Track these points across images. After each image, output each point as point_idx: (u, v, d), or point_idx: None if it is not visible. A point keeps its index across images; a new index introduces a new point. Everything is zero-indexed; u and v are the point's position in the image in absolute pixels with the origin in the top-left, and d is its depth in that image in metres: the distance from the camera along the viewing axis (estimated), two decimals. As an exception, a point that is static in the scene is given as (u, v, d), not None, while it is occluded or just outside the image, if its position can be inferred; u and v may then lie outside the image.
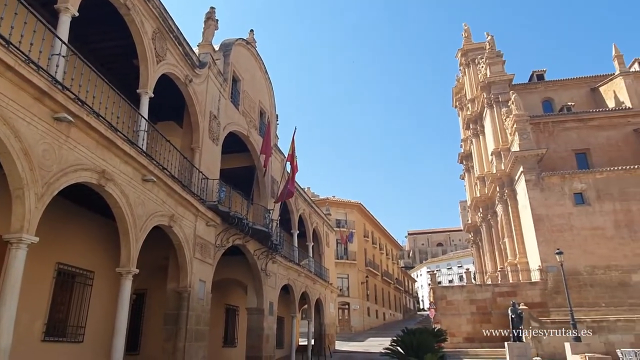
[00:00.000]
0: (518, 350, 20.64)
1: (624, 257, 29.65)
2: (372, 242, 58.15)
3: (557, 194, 32.16)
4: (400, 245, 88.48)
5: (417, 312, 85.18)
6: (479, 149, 47.33)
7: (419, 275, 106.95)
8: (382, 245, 64.28)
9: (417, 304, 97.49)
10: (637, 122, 36.51)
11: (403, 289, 77.67)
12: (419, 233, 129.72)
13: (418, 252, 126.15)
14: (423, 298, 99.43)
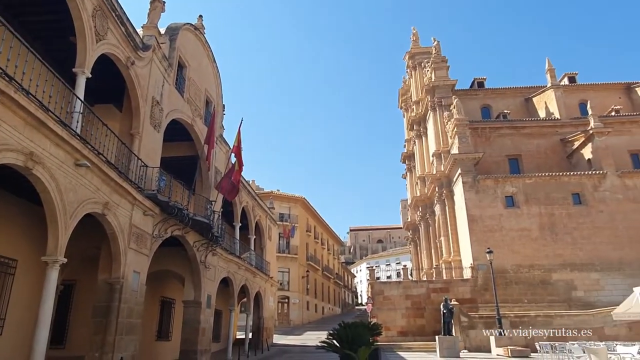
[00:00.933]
0: (447, 343, 21.66)
1: (546, 257, 31.88)
2: (314, 237, 58.63)
3: (490, 196, 33.96)
4: (341, 241, 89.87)
5: (356, 307, 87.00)
6: (421, 150, 48.96)
7: (359, 270, 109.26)
8: (324, 240, 64.99)
9: (355, 298, 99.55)
10: (564, 132, 39.26)
11: (343, 284, 79.00)
12: (360, 229, 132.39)
13: (359, 248, 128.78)
14: (362, 293, 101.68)
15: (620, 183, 33.43)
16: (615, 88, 45.25)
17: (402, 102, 60.06)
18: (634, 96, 44.02)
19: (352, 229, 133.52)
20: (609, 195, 33.14)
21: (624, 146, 37.31)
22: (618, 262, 31.33)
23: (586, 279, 31.24)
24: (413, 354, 24.21)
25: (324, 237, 64.85)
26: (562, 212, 33.05)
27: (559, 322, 25.87)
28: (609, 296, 29.18)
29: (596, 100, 41.73)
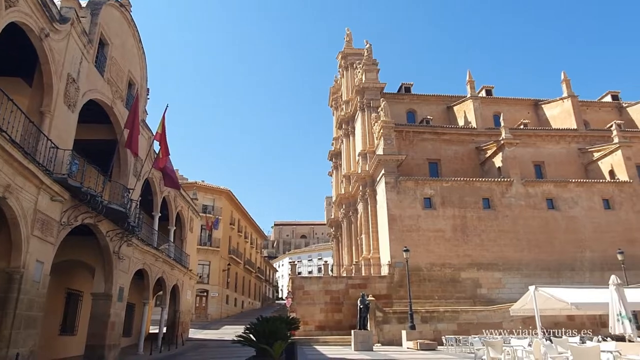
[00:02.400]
0: (362, 337, 22.42)
1: (457, 257, 34.07)
2: (237, 230, 57.84)
3: (410, 197, 35.58)
4: (265, 235, 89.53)
5: (276, 301, 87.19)
6: (348, 149, 50.07)
7: (281, 265, 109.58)
8: (248, 234, 64.35)
9: (276, 293, 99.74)
10: (479, 140, 42.11)
11: (264, 278, 78.77)
12: (285, 224, 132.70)
13: (282, 242, 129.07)
14: (283, 287, 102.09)
15: (524, 191, 36.54)
16: (525, 103, 49.35)
17: (332, 101, 60.98)
18: (540, 112, 48.30)
19: (277, 224, 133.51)
20: (514, 202, 36.10)
21: (529, 157, 40.88)
22: (518, 262, 34.26)
23: (490, 277, 33.82)
24: (329, 348, 24.76)
25: (247, 230, 64.19)
26: (473, 215, 35.46)
27: (464, 317, 27.80)
28: (509, 294, 31.82)
29: (508, 113, 45.25)
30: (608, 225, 35.95)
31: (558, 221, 35.88)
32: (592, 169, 40.95)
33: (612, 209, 36.66)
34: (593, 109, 48.98)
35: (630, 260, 31.90)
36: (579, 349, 8.32)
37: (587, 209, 36.39)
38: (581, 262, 34.74)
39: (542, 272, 33.87)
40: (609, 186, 37.50)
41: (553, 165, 41.08)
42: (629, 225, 36.08)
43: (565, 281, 32.61)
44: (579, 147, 42.32)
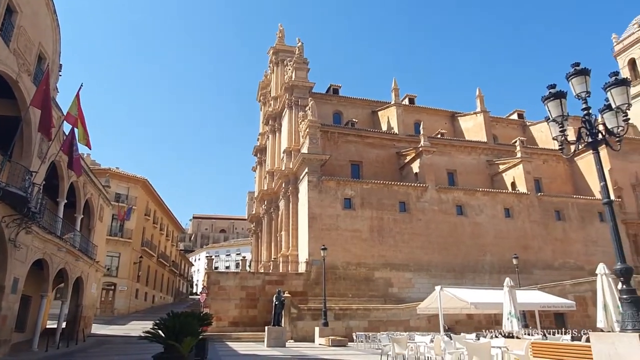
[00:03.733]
0: (275, 333, 22.52)
1: (372, 257, 35.38)
2: (152, 222, 55.33)
3: (331, 197, 36.32)
4: (182, 228, 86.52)
5: (190, 296, 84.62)
6: (273, 145, 49.92)
7: (198, 259, 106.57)
8: (164, 226, 61.80)
9: (191, 287, 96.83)
10: (400, 146, 44.02)
11: (179, 272, 76.13)
12: (204, 217, 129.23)
13: (201, 236, 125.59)
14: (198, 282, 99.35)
15: (437, 196, 38.81)
16: (444, 114, 52.41)
17: (261, 96, 60.44)
18: (457, 123, 51.55)
19: (196, 217, 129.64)
20: (427, 206, 38.22)
21: (444, 165, 43.51)
22: (427, 264, 36.34)
23: (402, 277, 35.53)
24: (241, 344, 24.57)
25: (164, 222, 61.63)
26: (390, 217, 37.02)
27: (375, 314, 28.94)
28: (418, 293, 33.65)
29: (428, 122, 47.78)
30: (507, 232, 39.31)
31: (465, 226, 38.56)
32: (497, 180, 44.51)
33: (512, 218, 40.14)
34: (501, 124, 53.23)
35: (523, 265, 35.20)
36: (473, 344, 9.06)
37: (490, 217, 39.49)
38: (482, 265, 37.64)
39: (448, 273, 36.21)
40: (510, 196, 40.99)
41: (464, 174, 44.05)
42: (524, 233, 39.72)
43: (468, 282, 35.14)
44: (487, 159, 45.81)
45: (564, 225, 41.22)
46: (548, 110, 9.73)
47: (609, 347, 7.71)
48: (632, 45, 55.42)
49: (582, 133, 9.57)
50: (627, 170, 45.09)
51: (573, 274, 37.20)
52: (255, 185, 60.02)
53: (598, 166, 9.38)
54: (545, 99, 9.74)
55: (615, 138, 9.49)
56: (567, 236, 40.87)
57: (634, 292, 8.10)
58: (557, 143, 9.90)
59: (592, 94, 9.69)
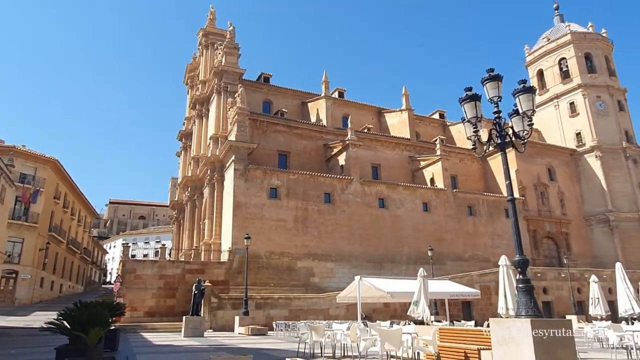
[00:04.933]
0: (193, 323, 22.01)
1: (295, 247, 35.67)
2: (63, 206, 51.46)
3: (257, 186, 36.03)
4: (97, 213, 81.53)
5: (102, 285, 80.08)
6: (200, 131, 48.41)
7: (113, 246, 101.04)
8: (75, 211, 57.72)
9: (104, 276, 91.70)
10: (328, 138, 44.63)
11: (91, 260, 71.67)
12: (122, 203, 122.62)
13: (117, 222, 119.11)
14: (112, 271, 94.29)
15: (361, 189, 39.91)
16: (371, 110, 53.89)
17: (188, 78, 58.21)
18: (383, 119, 53.25)
19: (113, 202, 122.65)
20: (351, 198, 39.19)
21: (369, 159, 44.80)
22: (349, 254, 37.36)
23: (323, 267, 36.23)
24: (157, 335, 23.72)
25: (75, 206, 57.55)
26: (315, 208, 37.51)
27: (296, 303, 29.29)
28: (338, 283, 34.50)
29: (356, 116, 48.86)
30: (424, 225, 41.45)
31: (386, 219, 40.09)
32: (417, 175, 46.68)
33: (429, 212, 42.36)
34: (424, 123, 55.80)
35: (437, 256, 37.33)
36: (385, 331, 9.49)
37: (410, 210, 41.38)
38: (400, 256, 39.42)
39: (368, 263, 37.49)
40: (428, 192, 43.21)
41: (388, 169, 45.69)
42: (439, 226, 42.12)
43: (387, 272, 36.63)
44: (410, 155, 47.86)
45: (475, 220, 44.27)
46: (464, 111, 10.33)
47: (505, 331, 8.43)
48: (541, 58, 60.48)
49: (492, 135, 10.31)
50: (531, 172, 49.34)
51: (480, 265, 40.10)
52: (179, 171, 57.91)
53: (505, 166, 10.15)
54: (462, 101, 10.34)
55: (521, 141, 10.35)
56: (476, 230, 43.96)
57: (529, 281, 8.91)
58: (471, 143, 10.57)
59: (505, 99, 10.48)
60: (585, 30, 58.84)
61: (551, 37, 60.53)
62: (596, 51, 57.19)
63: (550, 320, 8.52)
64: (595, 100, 54.45)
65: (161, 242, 66.83)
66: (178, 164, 59.09)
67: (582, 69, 55.97)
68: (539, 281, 35.65)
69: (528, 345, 7.85)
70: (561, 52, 58.21)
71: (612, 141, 52.63)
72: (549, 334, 7.98)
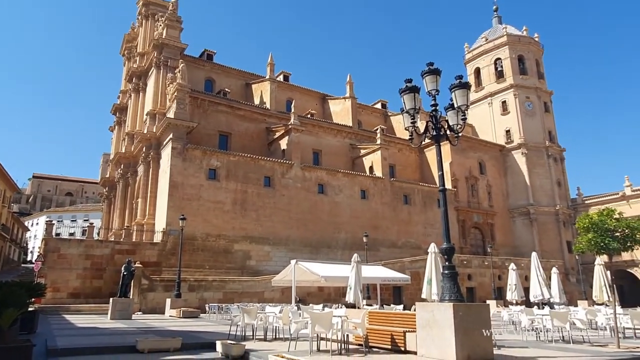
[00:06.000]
0: (121, 305, 21.22)
1: (232, 229, 35.27)
2: (-21, 178, 47.32)
3: (196, 166, 35.08)
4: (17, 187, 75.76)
5: (23, 265, 74.95)
6: (136, 105, 46.18)
7: (36, 223, 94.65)
8: (-7, 184, 53.29)
9: (24, 255, 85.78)
10: (271, 122, 44.22)
11: (9, 237, 66.72)
12: (47, 178, 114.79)
13: (42, 198, 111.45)
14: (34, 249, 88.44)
15: (301, 174, 40.04)
16: (315, 95, 53.94)
17: (125, 49, 55.04)
18: (326, 106, 53.53)
19: (36, 176, 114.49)
20: (291, 183, 39.24)
21: (311, 144, 44.96)
22: (286, 238, 37.52)
23: (260, 250, 36.15)
24: (82, 317, 22.63)
25: (-7, 179, 53.10)
26: (254, 191, 37.20)
27: (231, 286, 29.08)
28: (275, 266, 34.59)
29: (300, 101, 48.81)
30: (362, 212, 42.41)
31: (324, 205, 40.59)
32: (357, 163, 47.54)
33: (367, 199, 43.38)
34: (367, 112, 56.74)
35: (372, 242, 38.48)
36: (316, 314, 9.67)
37: (348, 197, 42.14)
38: (337, 241, 40.16)
39: (305, 248, 37.87)
40: (367, 179, 44.19)
41: (329, 155, 46.12)
42: (376, 214, 43.30)
43: (323, 257, 37.19)
44: (351, 143, 48.57)
45: (410, 208, 45.94)
46: (403, 102, 10.61)
47: (429, 315, 8.89)
48: (479, 56, 63.23)
49: (428, 127, 10.69)
50: (464, 165, 51.82)
51: (412, 252, 41.80)
52: (111, 147, 55.03)
53: (438, 157, 10.59)
54: (401, 92, 10.60)
55: (455, 134, 10.82)
56: (411, 218, 45.67)
57: (454, 268, 9.43)
58: (409, 133, 10.89)
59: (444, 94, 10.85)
60: (520, 33, 62.10)
61: (489, 37, 63.37)
62: (528, 54, 60.65)
63: (471, 304, 9.09)
64: (525, 100, 57.91)
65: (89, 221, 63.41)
66: (111, 139, 56.13)
67: (515, 70, 59.19)
68: (464, 268, 37.78)
69: (449, 327, 8.34)
70: (497, 52, 61.16)
71: (537, 140, 56.35)
72: (469, 317, 8.52)
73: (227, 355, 9.62)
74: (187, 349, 10.80)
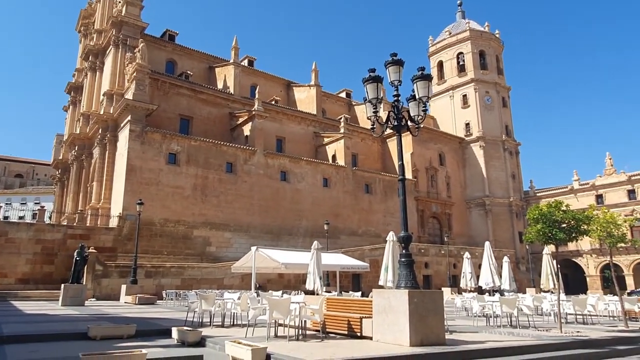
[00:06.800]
0: (73, 291, 20.54)
1: (192, 215, 34.69)
2: None
3: (155, 150, 34.15)
4: (-38, 167, 71.50)
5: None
6: (92, 85, 44.28)
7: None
8: None
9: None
10: (234, 107, 43.54)
11: (-48, 220, 63.02)
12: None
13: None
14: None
15: (264, 161, 39.75)
16: (280, 82, 53.45)
17: (82, 25, 52.49)
18: (291, 93, 53.18)
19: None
20: (254, 170, 38.90)
21: (274, 131, 44.64)
22: (247, 225, 37.27)
23: (221, 237, 35.77)
24: (31, 303, 21.78)
25: None
26: (216, 177, 36.64)
27: (189, 272, 28.67)
28: (235, 253, 34.34)
29: (264, 87, 48.22)
30: (323, 200, 42.65)
31: (286, 192, 40.53)
32: (321, 151, 47.63)
33: (329, 187, 43.63)
34: (331, 100, 56.81)
35: (333, 230, 38.84)
36: (274, 300, 9.69)
37: (310, 185, 42.24)
38: (298, 228, 40.26)
39: (266, 235, 37.76)
40: (330, 168, 44.40)
41: (292, 142, 45.96)
42: (337, 202, 43.66)
43: (284, 244, 37.21)
44: (315, 131, 48.56)
45: (371, 197, 46.57)
46: (366, 91, 10.67)
47: (385, 301, 9.08)
48: (442, 50, 64.38)
49: (390, 117, 10.81)
50: (425, 156, 52.93)
51: (372, 240, 42.49)
52: (65, 128, 52.63)
53: (399, 147, 10.75)
54: (365, 81, 10.65)
55: (416, 125, 11.00)
56: (371, 207, 46.33)
57: (410, 256, 9.65)
58: (371, 123, 10.97)
59: (407, 85, 10.98)
60: (482, 29, 63.60)
61: (453, 31, 64.56)
62: (489, 50, 62.27)
63: (425, 291, 9.35)
64: (484, 95, 59.58)
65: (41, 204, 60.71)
66: (65, 119, 53.68)
67: (476, 64, 60.67)
68: (422, 257, 38.82)
69: (404, 313, 8.56)
70: (460, 46, 62.44)
71: (494, 133, 58.21)
72: (423, 304, 8.77)
73: (183, 342, 9.51)
74: (142, 335, 10.59)
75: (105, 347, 8.45)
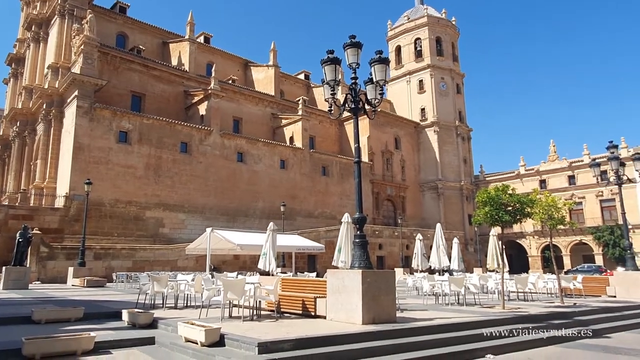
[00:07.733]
0: (16, 274, 19.58)
1: (144, 196, 33.71)
2: None
3: (104, 128, 32.73)
4: None
5: None
6: (35, 57, 41.60)
7: None
8: None
9: None
10: (189, 85, 42.28)
11: None
12: None
13: None
14: None
15: (220, 141, 39.01)
16: (238, 61, 52.33)
17: (23, -8, 48.93)
18: (249, 72, 52.23)
19: None
20: (209, 150, 38.13)
21: (231, 111, 43.81)
22: (202, 206, 36.67)
23: (174, 218, 35.03)
24: (-32, 287, 20.58)
25: None
26: (169, 157, 35.67)
27: (141, 254, 27.99)
28: (189, 234, 33.80)
29: (221, 65, 47.02)
30: (280, 182, 42.53)
31: (243, 173, 40.08)
32: (278, 133, 47.29)
33: (286, 169, 43.51)
34: (289, 81, 56.27)
35: (289, 212, 38.92)
36: (228, 281, 9.65)
37: (267, 166, 41.95)
38: (254, 210, 40.04)
39: (222, 216, 37.33)
40: (287, 149, 44.20)
41: (249, 123, 45.31)
42: (294, 184, 43.68)
43: (240, 225, 36.97)
44: (273, 112, 48.05)
45: (327, 180, 46.89)
46: (324, 73, 10.64)
47: (339, 281, 9.26)
48: (401, 34, 64.93)
49: (347, 99, 10.86)
50: (381, 140, 53.68)
51: (328, 222, 42.96)
52: (5, 102, 49.33)
53: (355, 130, 10.84)
54: (323, 62, 10.61)
55: (372, 108, 11.11)
56: (328, 189, 46.69)
57: (364, 237, 9.84)
58: (328, 105, 10.98)
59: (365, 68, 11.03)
60: (439, 15, 64.55)
61: (411, 16, 65.17)
62: (445, 36, 63.42)
63: (378, 271, 9.60)
64: (440, 81, 60.85)
65: (-21, 183, 56.92)
66: (5, 92, 50.25)
67: (432, 51, 61.70)
68: (376, 238, 39.70)
69: (357, 292, 8.77)
70: (418, 32, 63.19)
71: (448, 119, 59.77)
72: (376, 284, 9.02)
73: (134, 324, 9.33)
74: (90, 318, 10.29)
75: (51, 331, 8.16)
